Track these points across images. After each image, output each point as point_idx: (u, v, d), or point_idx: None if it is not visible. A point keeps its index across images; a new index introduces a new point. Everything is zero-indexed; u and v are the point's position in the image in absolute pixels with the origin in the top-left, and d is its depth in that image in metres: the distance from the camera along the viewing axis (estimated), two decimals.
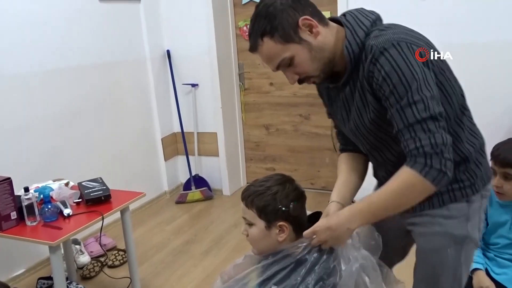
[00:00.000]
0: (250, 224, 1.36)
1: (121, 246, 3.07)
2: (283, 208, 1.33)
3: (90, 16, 3.31)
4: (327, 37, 1.26)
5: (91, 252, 3.05)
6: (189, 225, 3.53)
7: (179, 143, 4.22)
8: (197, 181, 4.10)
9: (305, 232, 1.30)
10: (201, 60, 3.95)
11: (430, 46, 1.25)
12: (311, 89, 3.84)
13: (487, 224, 1.93)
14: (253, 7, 1.28)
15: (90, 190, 2.38)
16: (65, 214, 2.20)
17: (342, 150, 1.58)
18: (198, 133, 4.12)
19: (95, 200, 2.32)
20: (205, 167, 4.19)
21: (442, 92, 1.23)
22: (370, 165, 1.54)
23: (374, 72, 1.19)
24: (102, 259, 2.99)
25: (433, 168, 1.14)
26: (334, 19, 1.32)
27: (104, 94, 3.47)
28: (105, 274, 2.82)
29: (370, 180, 1.55)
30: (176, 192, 4.18)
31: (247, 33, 3.93)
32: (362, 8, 1.33)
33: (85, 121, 3.30)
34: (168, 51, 4.02)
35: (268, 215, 1.33)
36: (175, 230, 3.45)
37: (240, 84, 4.14)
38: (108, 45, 3.49)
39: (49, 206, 2.19)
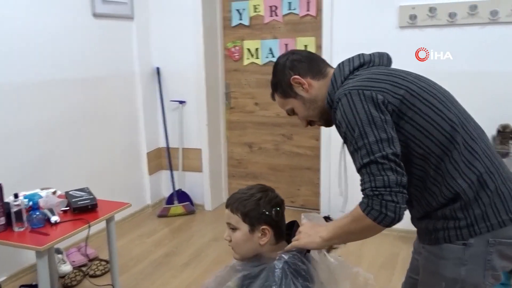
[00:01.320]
0: (234, 229, 1.47)
1: (103, 256, 3.13)
2: (266, 213, 1.45)
3: (83, 31, 3.43)
4: (321, 88, 1.46)
5: (73, 261, 3.10)
6: (169, 238, 3.61)
7: (163, 158, 4.31)
8: (180, 196, 4.19)
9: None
10: (189, 78, 4.08)
11: (399, 85, 1.29)
12: None
13: None
14: (242, 29, 1.53)
15: (77, 199, 2.46)
16: (52, 221, 2.27)
17: None
18: (183, 148, 4.23)
19: (82, 208, 2.41)
20: (188, 182, 4.29)
21: (417, 129, 1.27)
22: None
23: (335, 120, 1.36)
24: (84, 268, 3.04)
25: (374, 209, 1.21)
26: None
27: (93, 107, 3.57)
28: (91, 282, 2.88)
29: None
30: (159, 206, 4.26)
31: (235, 54, 4.10)
32: (356, 55, 1.46)
33: (73, 132, 3.39)
34: (157, 68, 4.15)
35: (252, 219, 1.45)
36: (155, 243, 3.52)
37: (225, 103, 4.27)
38: (99, 60, 3.60)
39: (37, 213, 2.27)
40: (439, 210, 1.33)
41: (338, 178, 1.73)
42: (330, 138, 3.69)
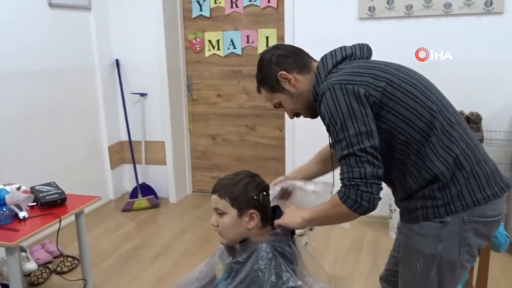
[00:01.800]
0: (222, 214, 1.50)
1: (69, 252, 3.06)
2: (255, 197, 1.49)
3: (39, 21, 3.31)
4: (306, 83, 1.51)
5: (38, 259, 3.01)
6: (136, 232, 3.57)
7: (125, 152, 4.24)
8: (144, 189, 4.14)
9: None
10: (150, 70, 4.03)
11: (379, 78, 1.36)
12: (257, 102, 4.06)
13: None
14: (203, 21, 1.54)
15: (45, 193, 2.39)
16: (21, 217, 2.20)
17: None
18: (145, 141, 4.18)
19: (51, 203, 2.34)
20: (152, 175, 4.24)
21: (398, 118, 1.35)
22: None
23: (319, 112, 1.43)
24: (50, 265, 2.96)
25: (350, 198, 1.30)
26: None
27: (52, 100, 3.46)
28: (63, 278, 2.82)
29: None
30: (122, 201, 4.19)
31: (196, 46, 4.09)
32: (338, 48, 1.51)
33: (32, 127, 3.27)
34: (117, 60, 4.07)
35: (241, 203, 1.48)
36: (122, 237, 3.47)
37: (188, 95, 4.25)
38: (57, 52, 3.49)
39: (4, 209, 2.19)
40: (419, 191, 1.41)
41: None
42: (294, 128, 3.77)
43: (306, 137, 3.71)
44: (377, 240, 3.30)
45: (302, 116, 1.62)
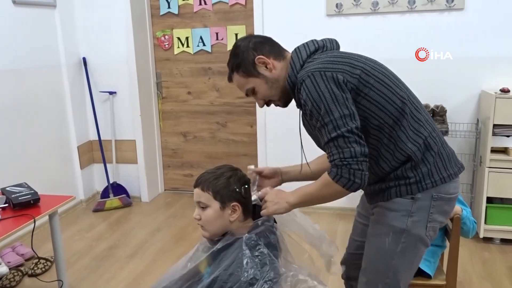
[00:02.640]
0: (204, 207, 1.52)
1: (40, 254, 3.00)
2: (237, 190, 1.52)
3: (3, 19, 3.22)
4: (282, 69, 1.55)
5: (9, 262, 2.94)
6: (110, 232, 3.53)
7: (95, 151, 4.18)
8: (115, 189, 4.10)
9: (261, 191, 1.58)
10: (118, 68, 3.99)
11: (354, 66, 1.44)
12: (228, 98, 4.08)
13: None
14: (171, 18, 1.55)
15: (17, 194, 2.34)
16: None
17: None
18: (116, 140, 4.13)
19: (24, 204, 2.29)
20: (123, 174, 4.20)
21: (372, 104, 1.43)
22: None
23: (300, 100, 1.46)
24: (22, 268, 2.90)
25: (343, 177, 1.37)
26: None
27: (18, 100, 3.38)
28: (38, 279, 2.77)
29: None
30: (92, 201, 4.13)
31: (165, 43, 4.06)
32: (310, 41, 1.57)
33: None
34: (84, 58, 4.00)
35: (223, 196, 1.51)
36: (96, 237, 3.43)
37: (158, 93, 4.23)
38: (22, 50, 3.40)
39: None
40: (392, 173, 1.51)
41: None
42: (265, 124, 3.81)
43: (278, 133, 3.77)
44: (349, 231, 3.32)
45: (272, 105, 1.65)
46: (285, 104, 1.63)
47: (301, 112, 1.57)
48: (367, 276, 1.63)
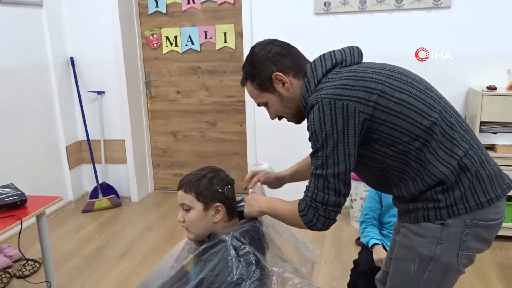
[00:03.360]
0: (188, 209, 1.52)
1: (28, 256, 2.97)
2: (220, 190, 1.52)
3: None
4: (299, 88, 1.43)
5: None
6: (99, 232, 3.51)
7: (84, 151, 4.15)
8: (104, 189, 4.07)
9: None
10: (107, 67, 3.96)
11: (371, 90, 1.30)
12: (217, 97, 4.07)
13: (382, 206, 2.28)
14: (160, 17, 1.50)
15: (4, 195, 2.31)
16: None
17: None
18: (104, 140, 4.10)
19: (11, 205, 2.27)
20: (112, 174, 4.18)
21: (393, 129, 1.30)
22: None
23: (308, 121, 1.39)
24: (9, 270, 2.87)
25: (307, 215, 1.34)
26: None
27: (5, 100, 3.34)
28: (27, 281, 2.74)
29: None
30: (82, 201, 4.10)
31: (153, 43, 4.04)
32: (328, 53, 1.44)
33: None
34: (71, 58, 3.97)
35: (206, 197, 1.50)
36: (85, 238, 3.41)
37: (146, 92, 4.21)
38: (9, 50, 3.37)
39: None
40: (421, 195, 1.37)
41: None
42: (255, 123, 3.81)
43: (267, 131, 3.77)
44: (339, 229, 3.39)
45: (285, 119, 1.56)
46: (298, 121, 1.54)
47: None
48: None
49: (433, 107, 1.33)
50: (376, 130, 1.31)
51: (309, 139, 1.36)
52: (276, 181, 1.78)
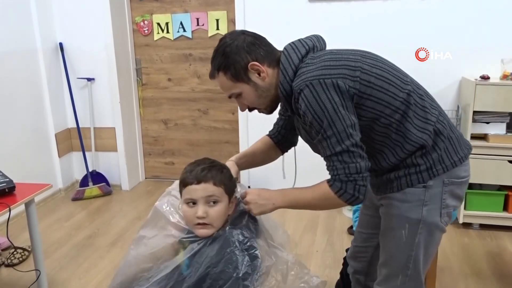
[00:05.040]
0: (215, 202, 1.39)
1: (17, 244, 2.93)
2: (236, 181, 1.47)
3: None
4: (274, 77, 1.44)
5: None
6: (89, 220, 3.47)
7: (74, 139, 4.10)
8: (95, 177, 4.03)
9: (242, 192, 1.48)
10: (97, 54, 3.89)
11: (353, 68, 1.36)
12: (209, 85, 4.03)
13: None
14: (151, 3, 1.45)
15: None
16: None
17: (269, 135, 1.80)
18: (95, 128, 4.05)
19: None
20: (103, 162, 4.13)
21: (377, 103, 1.37)
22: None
23: (299, 110, 1.39)
24: None
25: (347, 192, 1.34)
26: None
27: None
28: (15, 269, 2.69)
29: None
30: (71, 189, 4.06)
31: (144, 29, 3.97)
32: (298, 41, 1.46)
33: None
34: (61, 44, 3.89)
35: (230, 189, 1.43)
36: (75, 226, 3.37)
37: (137, 79, 4.15)
38: None
39: None
40: (401, 162, 1.45)
41: None
42: (247, 111, 3.76)
43: (259, 120, 3.69)
44: (331, 218, 3.39)
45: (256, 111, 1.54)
46: (270, 111, 1.54)
47: (296, 117, 1.49)
48: (387, 269, 1.58)
49: (405, 81, 1.43)
50: (363, 106, 1.37)
51: (311, 125, 1.35)
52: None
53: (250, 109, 1.53)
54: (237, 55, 1.40)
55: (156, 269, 1.41)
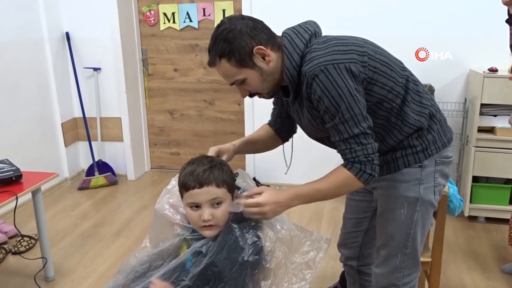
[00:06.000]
0: (219, 203, 1.35)
1: (24, 232, 2.95)
2: (234, 178, 1.43)
3: None
4: (278, 61, 1.42)
5: None
6: (95, 210, 3.49)
7: (80, 128, 4.11)
8: (101, 167, 4.04)
9: (250, 192, 1.40)
10: (103, 43, 3.89)
11: (361, 53, 1.37)
12: (215, 76, 3.99)
13: None
14: None
15: None
16: None
17: (269, 124, 1.80)
18: (101, 118, 4.06)
19: (5, 180, 2.25)
20: (109, 152, 4.14)
21: (382, 88, 1.41)
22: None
23: (310, 95, 1.38)
24: (5, 246, 2.86)
25: (366, 172, 1.38)
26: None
27: None
28: (22, 257, 2.72)
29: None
30: (77, 179, 4.08)
31: (151, 19, 3.96)
32: (299, 26, 1.46)
33: None
34: (67, 33, 3.89)
35: (231, 186, 1.40)
36: (81, 215, 3.39)
37: (143, 70, 4.15)
38: (2, 23, 3.29)
39: None
40: (397, 145, 1.52)
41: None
42: (253, 102, 3.76)
43: (265, 111, 3.69)
44: (336, 210, 3.39)
45: (256, 97, 1.51)
46: (271, 96, 1.53)
47: (297, 103, 1.48)
48: (387, 250, 1.64)
49: (403, 67, 1.50)
50: (370, 91, 1.40)
51: (326, 109, 1.35)
52: (228, 154, 1.63)
53: (252, 95, 1.50)
54: (241, 40, 1.35)
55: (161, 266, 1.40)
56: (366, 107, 1.37)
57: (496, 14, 3.16)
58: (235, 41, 1.35)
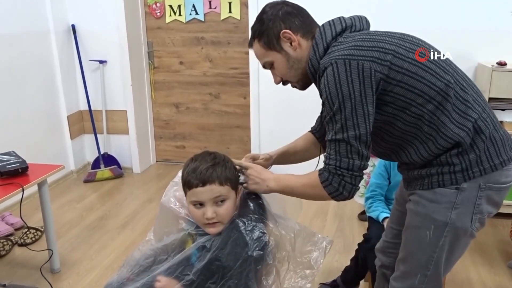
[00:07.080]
0: (223, 201, 1.35)
1: (30, 224, 2.97)
2: (238, 173, 1.43)
3: None
4: (307, 50, 1.40)
5: None
6: (101, 202, 3.50)
7: (86, 121, 4.11)
8: (106, 160, 4.05)
9: (244, 163, 1.47)
10: (109, 36, 3.88)
11: (386, 50, 1.28)
12: (221, 69, 4.01)
13: (390, 183, 2.25)
14: None
15: (5, 162, 2.30)
16: None
17: (311, 131, 1.75)
18: (106, 110, 4.06)
19: (11, 172, 2.26)
20: (114, 145, 4.15)
21: (408, 90, 1.28)
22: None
23: (318, 87, 1.36)
24: (11, 237, 2.87)
25: (332, 185, 1.30)
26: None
27: (5, 67, 3.28)
28: (29, 248, 2.73)
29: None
30: (83, 171, 4.09)
31: (157, 11, 3.95)
32: (337, 18, 1.42)
33: None
34: (73, 26, 3.89)
35: (235, 183, 1.39)
36: (87, 207, 3.40)
37: (149, 63, 4.14)
38: (8, 16, 3.29)
39: None
40: (435, 159, 1.36)
41: None
42: (259, 95, 3.75)
43: (271, 105, 3.72)
44: (341, 204, 3.38)
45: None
46: (303, 87, 1.49)
47: None
48: (406, 267, 1.51)
49: (445, 70, 1.33)
50: (390, 92, 1.30)
51: (323, 104, 1.33)
52: (264, 162, 1.66)
53: (284, 82, 1.50)
54: (271, 22, 1.39)
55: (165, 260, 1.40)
56: (367, 114, 1.27)
57: (505, 6, 3.15)
58: (266, 23, 1.40)
